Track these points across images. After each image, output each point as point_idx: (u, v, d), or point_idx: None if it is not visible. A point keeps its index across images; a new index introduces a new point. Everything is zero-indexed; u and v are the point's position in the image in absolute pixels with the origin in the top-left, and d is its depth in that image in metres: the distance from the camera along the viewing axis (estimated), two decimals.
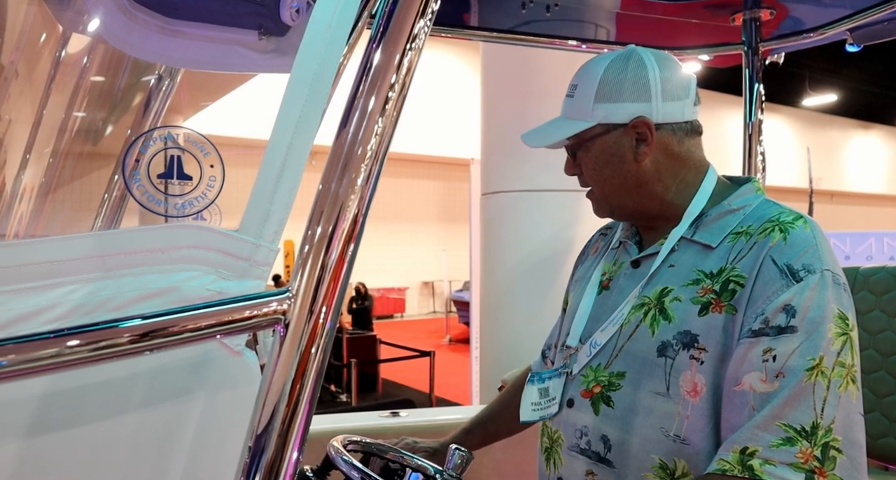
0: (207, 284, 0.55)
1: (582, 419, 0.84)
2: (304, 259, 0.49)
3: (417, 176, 15.19)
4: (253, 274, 0.57)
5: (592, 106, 0.86)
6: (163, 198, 0.53)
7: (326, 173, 0.50)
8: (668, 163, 0.87)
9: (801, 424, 0.67)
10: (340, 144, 0.50)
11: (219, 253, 0.55)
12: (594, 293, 0.93)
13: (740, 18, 1.55)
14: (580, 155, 0.90)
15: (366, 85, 0.51)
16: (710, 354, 0.76)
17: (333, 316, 0.49)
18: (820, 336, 0.70)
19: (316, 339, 0.48)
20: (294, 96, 0.58)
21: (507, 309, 2.52)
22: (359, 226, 0.50)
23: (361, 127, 0.50)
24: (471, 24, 1.62)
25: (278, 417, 0.47)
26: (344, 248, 0.49)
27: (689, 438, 0.75)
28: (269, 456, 0.47)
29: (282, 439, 0.47)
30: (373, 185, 0.51)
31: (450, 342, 11.16)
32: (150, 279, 0.52)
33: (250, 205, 0.57)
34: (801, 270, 0.73)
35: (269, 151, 0.57)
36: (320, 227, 0.49)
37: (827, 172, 18.84)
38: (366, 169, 0.50)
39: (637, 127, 0.85)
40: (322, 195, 0.50)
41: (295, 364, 0.48)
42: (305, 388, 0.48)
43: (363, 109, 0.50)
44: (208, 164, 0.53)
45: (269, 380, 0.47)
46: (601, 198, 0.91)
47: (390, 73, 0.51)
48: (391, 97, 0.51)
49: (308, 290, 0.48)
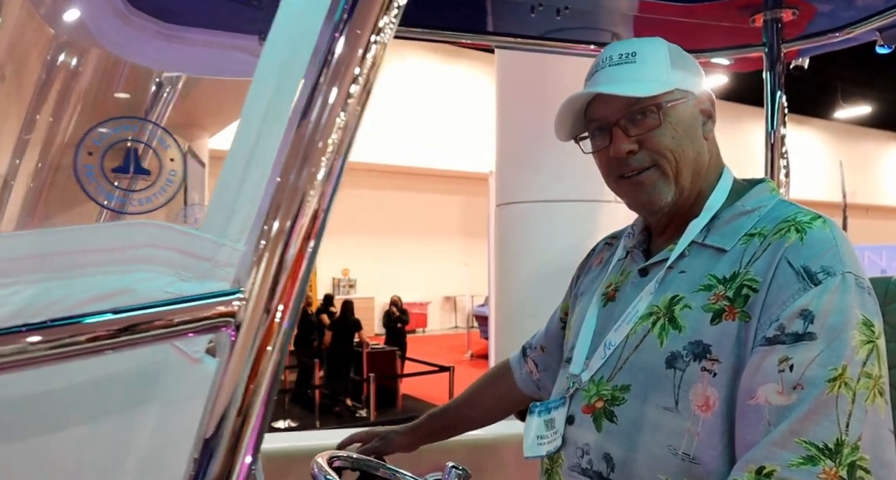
0: (165, 286, 0.51)
1: (583, 436, 0.78)
2: (259, 255, 0.45)
3: (439, 191, 15.21)
4: (216, 276, 0.53)
5: (670, 70, 0.79)
6: (118, 194, 0.50)
7: (285, 166, 0.46)
8: (714, 150, 0.84)
9: (823, 441, 0.60)
10: (300, 136, 0.47)
11: (178, 252, 0.52)
12: (598, 306, 0.87)
13: (760, 19, 1.49)
14: (646, 122, 0.77)
15: (327, 76, 0.47)
16: (724, 365, 0.69)
17: (291, 315, 0.45)
18: (842, 343, 0.63)
19: (272, 340, 0.44)
20: (263, 85, 0.55)
21: (521, 322, 2.45)
22: (319, 221, 0.46)
23: (322, 119, 0.47)
24: (480, 30, 1.59)
25: (227, 424, 0.43)
26: (303, 245, 0.45)
27: (699, 457, 0.69)
28: (217, 466, 0.42)
29: (232, 447, 0.43)
30: (335, 182, 0.47)
31: (471, 357, 11.04)
32: (102, 280, 0.49)
33: (213, 201, 0.54)
34: (819, 273, 0.67)
35: (235, 143, 0.54)
36: (277, 222, 0.45)
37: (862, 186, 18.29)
38: (327, 163, 0.46)
39: (706, 101, 0.82)
40: (279, 189, 0.46)
41: (249, 366, 0.44)
42: (260, 391, 0.44)
43: (324, 101, 0.47)
44: (168, 158, 0.50)
45: (220, 384, 0.44)
46: (673, 174, 0.78)
47: (353, 65, 0.47)
48: (354, 92, 0.47)
49: (264, 288, 0.45)
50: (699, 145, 0.81)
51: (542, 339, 1.12)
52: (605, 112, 0.81)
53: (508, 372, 1.16)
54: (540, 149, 2.40)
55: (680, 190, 0.80)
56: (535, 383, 1.12)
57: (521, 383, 1.14)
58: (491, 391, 1.17)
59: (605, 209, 2.37)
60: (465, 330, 13.05)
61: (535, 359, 1.12)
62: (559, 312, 1.10)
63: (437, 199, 15.33)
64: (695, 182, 0.81)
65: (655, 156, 0.79)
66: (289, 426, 6.61)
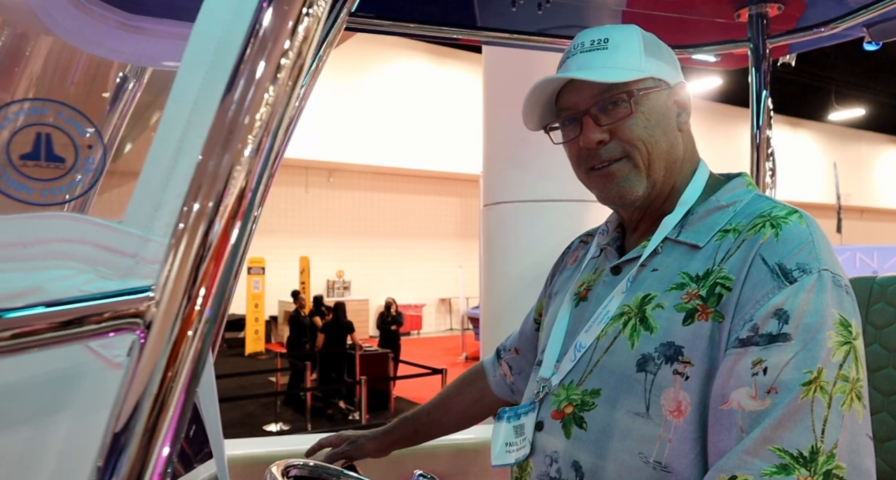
0: (81, 284, 0.47)
1: (552, 443, 0.74)
2: (177, 238, 0.41)
3: (434, 192, 15.18)
4: (140, 273, 0.49)
5: (644, 57, 0.76)
6: (28, 184, 0.46)
7: (207, 144, 0.43)
8: (689, 143, 0.81)
9: (797, 448, 0.57)
10: (224, 111, 0.44)
11: (97, 248, 0.48)
12: (570, 306, 0.84)
13: (746, 14, 1.46)
14: (617, 111, 0.74)
15: (254, 48, 0.44)
16: (696, 369, 0.66)
17: (215, 301, 0.42)
18: (818, 345, 0.60)
19: (191, 326, 0.41)
20: (193, 67, 0.51)
21: (509, 322, 2.40)
22: (247, 201, 0.43)
23: (248, 94, 0.43)
24: (462, 24, 1.56)
25: (140, 419, 0.40)
26: (228, 225, 0.42)
27: (671, 465, 0.65)
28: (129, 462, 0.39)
29: (147, 440, 0.40)
30: (264, 160, 0.44)
31: (465, 359, 10.99)
32: (9, 278, 0.45)
33: (138, 192, 0.50)
34: (795, 270, 0.63)
35: (162, 130, 0.50)
36: (198, 203, 0.42)
37: (856, 188, 18.35)
38: (254, 140, 0.43)
39: (680, 92, 0.78)
40: (200, 168, 0.42)
41: (165, 357, 0.41)
42: (178, 381, 0.41)
43: (250, 76, 0.43)
44: (86, 145, 0.46)
45: (130, 381, 0.40)
46: (645, 166, 0.75)
47: (283, 37, 0.44)
48: (284, 65, 0.44)
49: (182, 273, 0.41)
50: (672, 137, 0.78)
51: (515, 341, 1.09)
52: (576, 100, 0.77)
53: (482, 375, 1.13)
54: (527, 148, 2.36)
55: (652, 183, 0.77)
56: (509, 386, 1.08)
57: (495, 386, 1.10)
58: (464, 395, 1.13)
59: (593, 209, 2.33)
60: (459, 332, 13.01)
61: (509, 362, 1.08)
62: (533, 313, 1.06)
63: (432, 201, 15.30)
64: (668, 175, 0.78)
65: (626, 146, 0.75)
66: (280, 429, 6.55)
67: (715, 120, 15.44)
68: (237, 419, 6.82)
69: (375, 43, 12.49)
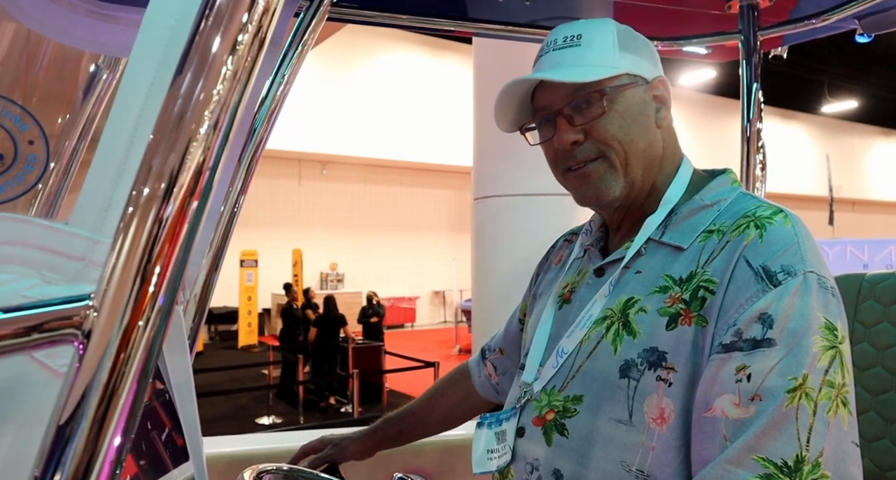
0: (24, 290, 0.44)
1: (533, 450, 0.72)
2: (126, 222, 0.39)
3: (427, 185, 15.13)
4: (89, 277, 0.46)
5: (618, 53, 0.73)
6: None
7: (158, 125, 0.40)
8: (669, 140, 0.78)
9: (782, 458, 0.55)
10: (176, 89, 0.41)
11: (42, 250, 0.45)
12: (554, 309, 0.81)
13: (737, 5, 1.44)
14: (590, 111, 0.72)
15: (208, 22, 0.41)
16: (680, 375, 0.64)
17: (170, 285, 0.39)
18: (803, 350, 0.58)
19: (143, 313, 0.38)
20: (145, 56, 0.48)
21: (500, 315, 2.39)
22: (205, 179, 0.40)
23: (203, 69, 0.40)
24: (450, 15, 1.52)
25: (87, 410, 0.38)
26: (183, 204, 0.39)
27: (653, 474, 0.63)
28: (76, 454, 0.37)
29: (95, 431, 0.37)
30: (222, 138, 0.41)
31: (459, 352, 11.00)
32: None
33: (86, 190, 0.47)
34: (779, 273, 0.61)
35: (112, 124, 0.47)
36: (148, 187, 0.39)
37: (849, 180, 18.44)
38: (211, 117, 0.40)
39: (658, 87, 0.75)
40: (151, 148, 0.39)
41: (107, 366, 0.38)
42: (129, 369, 0.38)
43: (205, 50, 0.41)
44: (26, 141, 0.43)
45: (67, 395, 0.38)
46: (622, 165, 0.73)
47: (241, 11, 0.41)
48: (242, 41, 0.41)
49: (133, 254, 0.39)
50: (650, 134, 0.75)
51: (500, 341, 1.07)
52: (549, 100, 0.75)
53: (467, 376, 1.11)
54: (517, 142, 2.33)
55: (630, 182, 0.74)
56: (493, 387, 1.07)
57: (479, 387, 1.09)
58: (449, 395, 1.11)
59: None
60: (453, 324, 13.02)
61: (494, 362, 1.06)
62: (518, 312, 1.04)
63: (426, 193, 15.25)
64: (647, 174, 0.75)
65: (602, 146, 0.73)
66: (273, 422, 6.54)
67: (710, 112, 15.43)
68: (230, 412, 6.81)
69: (369, 34, 12.38)
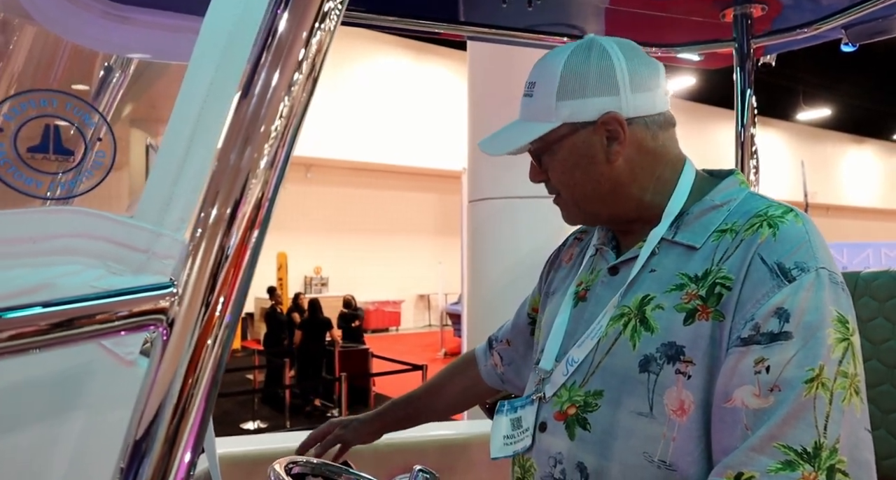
0: (93, 280, 0.46)
1: (556, 445, 0.75)
2: (195, 245, 0.41)
3: (413, 188, 15.14)
4: (152, 269, 0.48)
5: (556, 104, 0.76)
6: (36, 177, 0.44)
7: (223, 149, 0.42)
8: (643, 161, 0.78)
9: (801, 445, 0.59)
10: (240, 118, 0.42)
11: (108, 243, 0.47)
12: (570, 306, 0.84)
13: (731, 14, 1.49)
14: (546, 159, 0.80)
15: (269, 56, 0.43)
16: (698, 367, 0.67)
17: (234, 309, 0.41)
18: (818, 342, 0.62)
19: (210, 333, 0.40)
20: (204, 60, 0.50)
21: (494, 318, 2.42)
22: (264, 210, 0.42)
23: (264, 104, 0.42)
24: (451, 19, 1.55)
25: (161, 424, 0.39)
26: (246, 234, 0.41)
27: (675, 463, 0.66)
28: (150, 469, 0.38)
29: (168, 447, 0.39)
30: (279, 171, 0.43)
31: (444, 355, 11.01)
32: (18, 274, 0.44)
33: (149, 186, 0.49)
34: (793, 269, 0.65)
35: (173, 124, 0.49)
36: (216, 210, 0.41)
37: (823, 186, 18.88)
38: (270, 151, 0.42)
39: (607, 123, 0.76)
40: (218, 173, 0.41)
41: (185, 362, 0.40)
42: (200, 386, 0.40)
43: (266, 83, 0.43)
44: (95, 137, 0.45)
45: (151, 384, 0.39)
46: (572, 205, 0.82)
47: (297, 47, 0.43)
48: (298, 79, 0.43)
49: (201, 281, 0.40)
50: (597, 174, 0.78)
51: (508, 333, 1.10)
52: None
53: (473, 364, 1.14)
54: None
55: (591, 214, 0.82)
56: (499, 376, 1.10)
57: (485, 375, 1.12)
58: (455, 382, 1.15)
59: None
60: (438, 328, 13.03)
61: (501, 352, 1.09)
62: (527, 306, 1.07)
63: (411, 197, 15.25)
64: (616, 205, 0.80)
65: (557, 187, 0.82)
66: (258, 427, 6.48)
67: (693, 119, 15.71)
68: (214, 416, 6.71)
69: (354, 37, 12.38)
